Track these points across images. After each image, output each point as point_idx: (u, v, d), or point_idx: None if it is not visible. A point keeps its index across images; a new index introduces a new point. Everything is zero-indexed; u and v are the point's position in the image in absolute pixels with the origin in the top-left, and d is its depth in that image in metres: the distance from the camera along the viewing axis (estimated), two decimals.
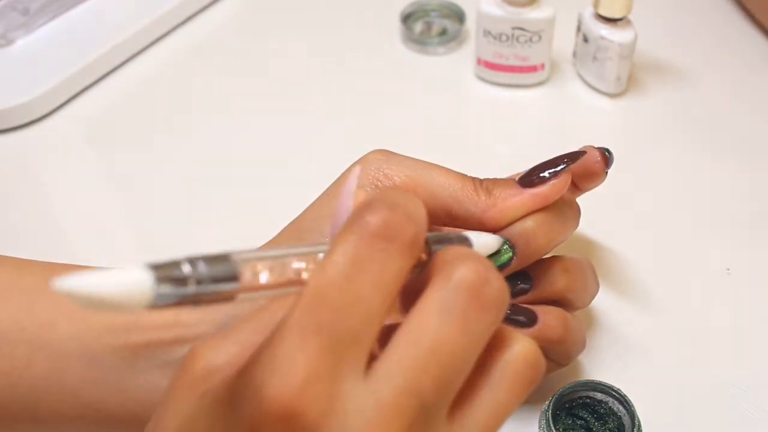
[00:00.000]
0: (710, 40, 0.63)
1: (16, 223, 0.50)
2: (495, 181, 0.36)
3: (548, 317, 0.35)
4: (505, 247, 0.35)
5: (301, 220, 0.36)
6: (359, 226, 0.24)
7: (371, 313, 0.24)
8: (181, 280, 0.21)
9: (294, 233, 0.36)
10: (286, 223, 0.37)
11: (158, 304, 0.20)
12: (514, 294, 0.36)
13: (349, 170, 0.36)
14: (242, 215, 0.50)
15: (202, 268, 0.22)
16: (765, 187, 0.51)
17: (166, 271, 0.21)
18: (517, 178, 0.36)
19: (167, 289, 0.21)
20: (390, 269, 0.24)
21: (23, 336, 0.33)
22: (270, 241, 0.37)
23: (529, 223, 0.35)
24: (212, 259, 0.22)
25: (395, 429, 0.23)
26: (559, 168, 0.36)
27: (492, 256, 0.34)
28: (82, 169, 0.54)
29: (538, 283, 0.36)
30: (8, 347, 0.33)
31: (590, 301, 0.39)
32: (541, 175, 0.36)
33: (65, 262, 0.37)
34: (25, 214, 0.51)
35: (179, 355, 0.33)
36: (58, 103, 0.58)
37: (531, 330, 0.35)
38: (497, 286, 0.25)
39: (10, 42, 0.60)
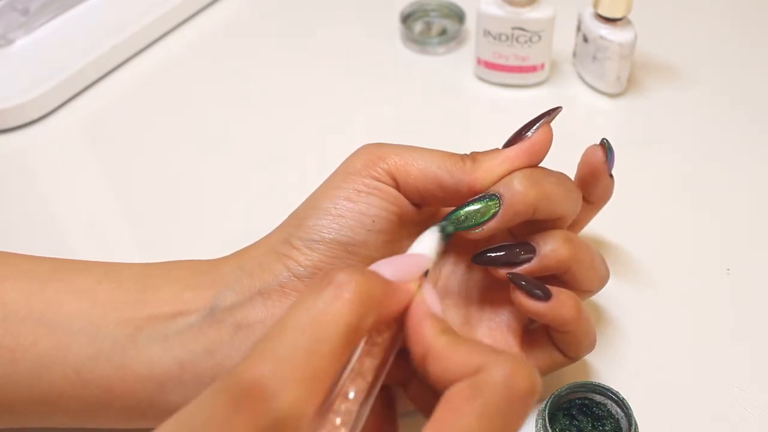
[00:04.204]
0: (710, 40, 0.63)
1: (16, 223, 0.50)
2: (480, 152, 0.37)
3: (562, 296, 0.35)
4: (493, 202, 0.35)
5: (298, 212, 0.37)
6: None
7: None
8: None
9: (294, 221, 0.37)
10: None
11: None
12: (519, 263, 0.36)
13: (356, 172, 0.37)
14: (243, 213, 0.50)
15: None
16: (765, 187, 0.51)
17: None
18: None
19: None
20: None
21: (31, 313, 0.34)
22: (268, 235, 0.37)
23: (514, 173, 0.36)
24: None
25: None
26: (538, 124, 0.37)
27: (480, 210, 0.35)
28: (82, 169, 0.54)
29: (540, 250, 0.36)
30: (15, 323, 0.34)
31: (599, 286, 0.38)
32: (524, 135, 0.37)
33: None
34: (24, 214, 0.51)
35: (179, 327, 0.34)
36: (58, 103, 0.58)
37: (546, 304, 0.35)
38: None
39: (10, 42, 0.60)
